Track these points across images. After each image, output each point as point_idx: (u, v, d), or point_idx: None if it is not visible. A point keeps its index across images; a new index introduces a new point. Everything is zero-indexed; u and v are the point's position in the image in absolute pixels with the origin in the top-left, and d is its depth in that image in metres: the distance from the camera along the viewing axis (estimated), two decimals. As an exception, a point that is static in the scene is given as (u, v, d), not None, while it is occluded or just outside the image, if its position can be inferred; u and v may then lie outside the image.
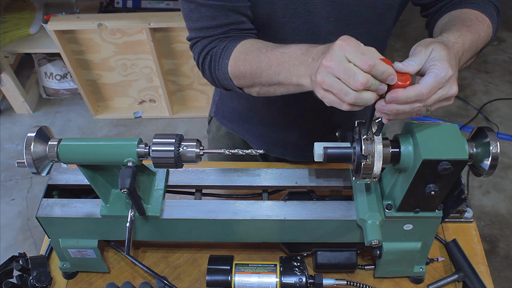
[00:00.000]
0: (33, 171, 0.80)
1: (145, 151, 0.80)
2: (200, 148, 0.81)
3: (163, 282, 0.96)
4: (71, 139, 0.82)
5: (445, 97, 0.67)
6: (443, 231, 1.09)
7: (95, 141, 0.82)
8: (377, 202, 0.86)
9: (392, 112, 0.66)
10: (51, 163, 0.83)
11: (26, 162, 0.79)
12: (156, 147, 0.80)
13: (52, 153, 0.80)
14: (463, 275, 0.98)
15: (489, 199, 2.39)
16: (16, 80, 2.65)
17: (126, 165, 0.80)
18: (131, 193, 0.79)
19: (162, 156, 0.80)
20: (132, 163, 0.80)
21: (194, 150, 0.80)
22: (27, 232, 2.27)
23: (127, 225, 0.87)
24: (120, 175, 0.78)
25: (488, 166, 0.74)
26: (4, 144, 2.68)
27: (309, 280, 0.92)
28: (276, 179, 0.96)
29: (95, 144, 0.81)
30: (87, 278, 1.03)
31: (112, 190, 0.92)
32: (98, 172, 0.87)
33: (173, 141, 0.79)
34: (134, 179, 0.78)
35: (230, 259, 0.95)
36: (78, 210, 0.92)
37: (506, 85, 3.02)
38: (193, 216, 0.90)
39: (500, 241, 2.22)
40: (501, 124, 2.78)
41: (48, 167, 0.83)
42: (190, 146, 0.80)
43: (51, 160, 0.82)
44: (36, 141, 0.79)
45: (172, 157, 0.79)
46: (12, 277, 0.97)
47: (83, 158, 0.82)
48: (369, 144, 0.74)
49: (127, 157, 0.80)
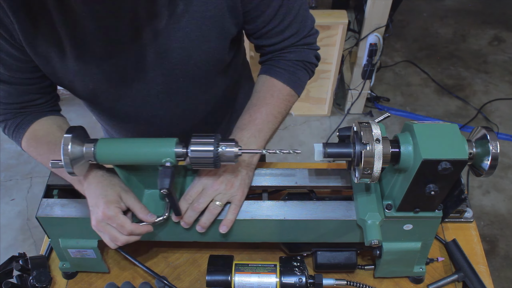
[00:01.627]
0: (70, 171, 0.79)
1: (183, 151, 0.79)
2: (238, 148, 0.80)
3: (163, 282, 0.96)
4: (107, 139, 0.81)
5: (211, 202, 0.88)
6: (443, 231, 1.09)
7: (133, 141, 0.81)
8: (377, 202, 0.87)
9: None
10: (87, 164, 0.83)
11: (64, 162, 0.78)
12: (195, 147, 0.79)
13: (89, 153, 0.80)
14: (463, 275, 0.98)
15: (489, 199, 2.39)
16: (16, 80, 2.65)
17: (163, 165, 0.79)
18: (169, 194, 0.79)
19: (201, 156, 0.79)
20: (170, 163, 0.79)
21: (232, 150, 0.79)
22: (27, 232, 2.27)
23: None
24: (159, 175, 0.77)
25: (488, 166, 0.74)
26: (4, 144, 2.68)
27: (309, 280, 0.92)
28: (276, 179, 0.96)
29: (133, 144, 0.81)
30: (87, 278, 1.03)
31: (145, 190, 0.92)
32: (133, 173, 0.87)
33: (212, 141, 0.79)
34: (173, 179, 0.77)
35: (230, 259, 0.95)
36: (78, 210, 0.92)
37: (506, 85, 3.03)
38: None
39: (500, 241, 2.22)
40: (501, 124, 2.78)
41: (85, 167, 0.83)
42: (229, 146, 0.79)
43: (88, 160, 0.81)
44: (73, 141, 0.78)
45: (212, 157, 0.79)
46: (12, 277, 0.98)
47: (120, 158, 0.81)
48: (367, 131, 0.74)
49: (165, 157, 0.79)
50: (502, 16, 3.59)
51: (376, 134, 0.74)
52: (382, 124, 0.81)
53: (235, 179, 0.89)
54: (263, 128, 0.94)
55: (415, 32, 3.37)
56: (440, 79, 3.07)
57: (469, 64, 3.16)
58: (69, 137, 0.78)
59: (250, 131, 0.92)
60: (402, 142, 0.76)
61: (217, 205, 0.88)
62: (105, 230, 0.84)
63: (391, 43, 3.27)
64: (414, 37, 3.34)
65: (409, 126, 0.77)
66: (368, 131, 0.75)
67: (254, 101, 0.98)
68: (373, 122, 0.77)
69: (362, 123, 0.77)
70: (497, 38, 3.38)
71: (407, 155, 0.75)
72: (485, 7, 3.68)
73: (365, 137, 0.74)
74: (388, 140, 0.77)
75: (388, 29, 2.37)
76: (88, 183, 0.86)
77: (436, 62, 3.19)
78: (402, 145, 0.76)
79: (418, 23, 3.48)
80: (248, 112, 0.96)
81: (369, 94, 2.75)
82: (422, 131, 0.74)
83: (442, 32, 3.40)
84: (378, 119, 0.86)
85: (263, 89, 0.99)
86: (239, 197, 0.89)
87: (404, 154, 0.76)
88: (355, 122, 0.79)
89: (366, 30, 2.35)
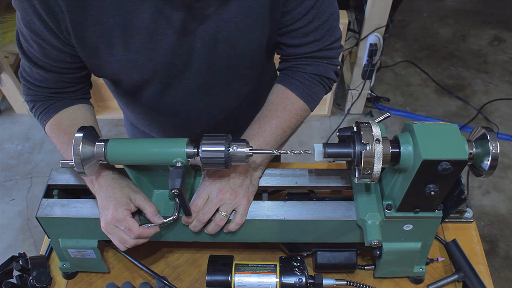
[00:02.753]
0: (80, 171, 0.79)
1: (194, 152, 0.79)
2: (249, 148, 0.80)
3: (163, 282, 0.96)
4: (118, 139, 0.81)
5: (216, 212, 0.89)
6: (443, 231, 1.09)
7: (143, 141, 0.81)
8: (377, 202, 0.87)
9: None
10: (97, 164, 0.83)
11: (74, 162, 0.77)
12: (206, 147, 0.79)
13: (99, 153, 0.80)
14: (463, 275, 0.98)
15: (489, 199, 2.39)
16: (16, 80, 2.65)
17: (174, 165, 0.79)
18: (180, 194, 0.78)
19: (213, 156, 0.79)
20: (181, 163, 0.79)
21: (243, 151, 0.79)
22: (27, 232, 2.27)
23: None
24: (170, 175, 0.77)
25: (488, 166, 0.74)
26: (4, 144, 2.68)
27: (309, 280, 0.92)
28: (276, 179, 0.96)
29: (144, 144, 0.80)
30: (87, 278, 1.03)
31: (155, 191, 0.92)
32: (143, 173, 0.87)
33: (223, 142, 0.79)
34: (184, 179, 0.77)
35: (230, 259, 0.95)
36: (78, 210, 0.92)
37: (506, 85, 3.03)
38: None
39: (500, 241, 2.22)
40: (501, 124, 2.78)
41: (95, 167, 0.83)
42: (240, 146, 0.79)
43: (98, 160, 0.81)
44: (84, 141, 0.78)
45: (223, 157, 0.78)
46: (12, 277, 0.97)
47: (131, 158, 0.81)
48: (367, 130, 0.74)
49: (176, 157, 0.79)
50: (502, 16, 3.59)
51: (376, 134, 0.74)
52: (382, 124, 0.81)
53: (239, 189, 0.89)
54: (270, 141, 0.93)
55: (415, 32, 3.37)
56: (440, 79, 3.07)
57: (469, 64, 3.16)
58: (80, 137, 0.78)
59: (256, 143, 0.92)
60: (402, 142, 0.76)
61: (223, 216, 0.88)
62: (114, 233, 0.85)
63: (391, 43, 3.27)
64: (414, 37, 3.33)
65: (409, 126, 0.77)
66: (368, 131, 0.75)
67: (266, 112, 0.97)
68: (373, 122, 0.76)
69: (362, 123, 0.77)
70: (497, 38, 3.38)
71: (407, 155, 0.75)
72: (485, 7, 3.68)
73: (365, 137, 0.74)
74: (388, 140, 0.77)
75: (388, 29, 2.37)
76: (99, 185, 0.87)
77: (436, 62, 3.19)
78: (402, 145, 0.76)
79: (418, 23, 3.48)
80: (258, 123, 0.95)
81: (369, 94, 2.75)
82: (422, 131, 0.74)
83: (442, 32, 3.40)
84: (378, 119, 0.86)
85: (276, 100, 0.98)
86: (244, 206, 0.89)
87: (404, 154, 0.76)
88: (355, 122, 0.79)
89: (366, 30, 2.35)
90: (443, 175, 0.73)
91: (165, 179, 0.83)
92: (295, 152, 0.83)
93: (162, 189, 0.93)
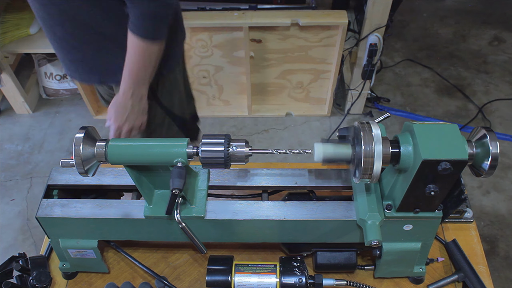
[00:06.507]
0: (81, 171, 0.79)
1: (194, 151, 0.80)
2: (249, 148, 0.81)
3: (163, 282, 0.96)
4: (118, 139, 0.82)
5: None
6: (443, 231, 1.09)
7: (144, 142, 0.82)
8: (377, 202, 0.86)
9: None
10: (98, 164, 0.83)
11: (75, 162, 0.78)
12: (206, 147, 0.79)
13: (100, 153, 0.80)
14: (463, 275, 0.98)
15: (489, 199, 2.39)
16: (16, 80, 2.65)
17: (175, 165, 0.79)
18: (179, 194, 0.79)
19: (212, 156, 0.79)
20: (181, 163, 0.79)
21: (243, 150, 0.80)
22: (27, 232, 2.27)
23: (180, 227, 0.85)
24: (171, 175, 0.78)
25: (488, 166, 0.74)
26: (4, 144, 2.68)
27: (309, 280, 0.92)
28: (275, 179, 0.96)
29: (145, 145, 0.81)
30: (87, 278, 1.03)
31: (155, 191, 0.92)
32: (143, 173, 0.87)
33: (223, 141, 0.79)
34: (185, 179, 0.78)
35: (230, 259, 0.95)
36: (78, 210, 0.92)
37: (506, 85, 3.02)
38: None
39: (500, 241, 2.22)
40: (501, 124, 2.78)
41: (95, 167, 0.83)
42: (240, 146, 0.80)
43: (99, 160, 0.81)
44: (85, 142, 0.78)
45: (222, 157, 0.79)
46: (12, 277, 0.98)
47: (132, 159, 0.81)
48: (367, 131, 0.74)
49: (176, 157, 0.79)
50: (502, 16, 3.59)
51: (376, 134, 0.74)
52: (382, 125, 0.81)
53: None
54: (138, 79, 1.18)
55: (415, 32, 3.37)
56: (440, 79, 3.07)
57: (469, 64, 3.16)
58: (81, 137, 0.78)
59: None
60: (402, 143, 0.76)
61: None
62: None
63: (391, 43, 3.27)
64: (414, 37, 3.33)
65: (409, 127, 0.77)
66: (368, 132, 0.75)
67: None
68: (373, 123, 0.77)
69: (362, 124, 0.77)
70: (497, 38, 3.38)
71: (407, 156, 0.75)
72: (485, 7, 3.68)
73: (365, 137, 0.74)
74: (388, 140, 0.77)
75: (388, 29, 2.37)
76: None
77: (436, 62, 3.19)
78: (402, 145, 0.76)
79: (418, 23, 3.47)
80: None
81: (369, 94, 2.75)
82: (422, 132, 0.74)
83: (442, 32, 3.40)
84: (378, 120, 0.86)
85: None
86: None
87: (404, 154, 0.76)
88: (355, 123, 0.79)
89: (366, 30, 2.35)
90: (443, 175, 0.73)
91: (165, 179, 0.83)
92: (295, 152, 0.83)
93: (162, 189, 0.93)
